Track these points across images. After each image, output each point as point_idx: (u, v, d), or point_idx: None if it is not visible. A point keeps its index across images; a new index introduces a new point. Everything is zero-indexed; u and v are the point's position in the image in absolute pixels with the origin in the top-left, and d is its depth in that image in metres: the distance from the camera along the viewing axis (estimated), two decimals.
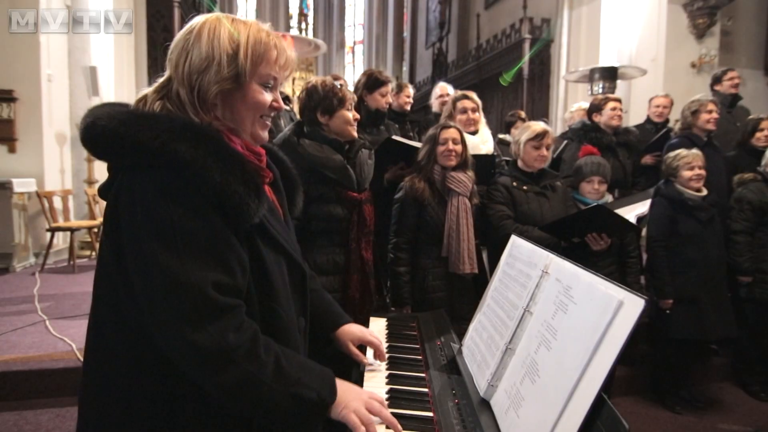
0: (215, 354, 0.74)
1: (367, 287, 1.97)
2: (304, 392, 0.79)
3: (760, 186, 2.88)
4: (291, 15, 19.99)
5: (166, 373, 0.78)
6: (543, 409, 0.73)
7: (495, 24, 10.77)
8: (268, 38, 0.86)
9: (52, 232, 4.77)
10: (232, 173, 0.78)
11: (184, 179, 0.76)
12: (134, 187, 0.76)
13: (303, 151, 1.86)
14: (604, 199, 2.46)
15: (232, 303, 0.78)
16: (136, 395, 0.80)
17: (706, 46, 6.49)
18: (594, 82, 5.08)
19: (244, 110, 0.86)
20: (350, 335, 1.14)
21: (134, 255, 0.75)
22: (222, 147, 0.79)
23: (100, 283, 0.85)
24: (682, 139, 3.14)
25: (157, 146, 0.74)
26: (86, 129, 0.79)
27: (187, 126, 0.78)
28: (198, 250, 0.75)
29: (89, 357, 0.86)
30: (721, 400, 2.89)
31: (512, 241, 1.20)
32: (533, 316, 0.90)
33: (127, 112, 0.80)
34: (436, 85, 3.71)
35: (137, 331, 0.78)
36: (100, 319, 0.85)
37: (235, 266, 0.79)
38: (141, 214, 0.74)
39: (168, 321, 0.74)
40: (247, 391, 0.76)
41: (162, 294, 0.73)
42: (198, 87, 0.82)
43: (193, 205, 0.76)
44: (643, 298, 0.62)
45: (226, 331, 0.75)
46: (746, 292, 2.85)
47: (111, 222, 0.79)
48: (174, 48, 0.85)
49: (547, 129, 2.33)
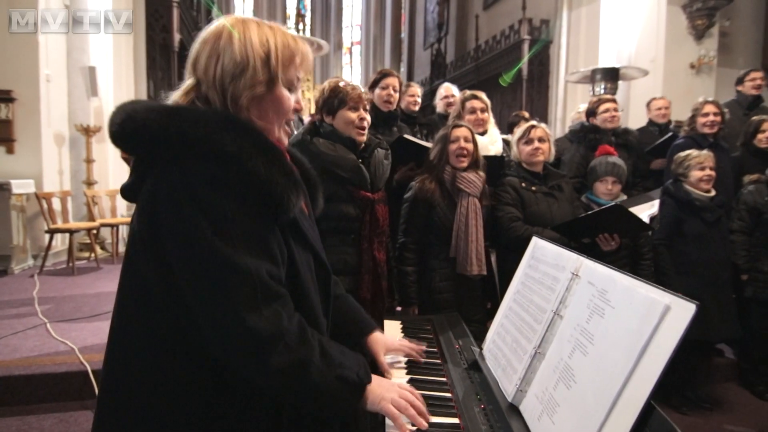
0: (270, 337, 0.74)
1: (379, 288, 1.95)
2: (347, 374, 0.82)
3: (760, 187, 2.90)
4: (288, 15, 19.96)
5: (196, 385, 0.78)
6: (582, 415, 0.71)
7: (494, 25, 10.78)
8: (294, 42, 0.87)
9: (50, 234, 4.72)
10: (275, 165, 0.78)
11: (230, 170, 0.75)
12: (176, 181, 0.75)
13: (315, 149, 1.84)
14: (619, 200, 2.45)
15: (283, 291, 0.79)
16: (161, 404, 0.78)
17: (705, 47, 6.53)
18: (595, 83, 5.09)
19: (273, 114, 0.86)
20: (383, 343, 1.15)
21: (184, 247, 0.74)
22: (263, 140, 0.80)
23: (129, 291, 0.82)
24: (687, 139, 3.14)
25: (202, 137, 0.74)
26: (123, 123, 0.77)
27: (230, 118, 0.79)
28: (250, 240, 0.76)
29: (113, 367, 0.83)
30: (726, 401, 2.89)
31: (534, 242, 1.18)
32: (564, 320, 0.89)
33: (166, 105, 0.80)
34: (440, 86, 3.68)
35: (170, 337, 0.77)
36: (126, 326, 0.82)
37: (278, 258, 0.80)
38: (188, 205, 0.73)
39: (223, 307, 0.73)
40: (299, 373, 0.77)
41: (217, 281, 0.73)
42: (232, 91, 0.82)
43: (242, 196, 0.76)
44: (694, 303, 0.60)
45: (280, 315, 0.76)
46: (752, 291, 2.85)
47: (146, 219, 0.77)
48: (201, 51, 0.84)
49: (533, 124, 2.36)
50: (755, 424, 2.62)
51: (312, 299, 0.89)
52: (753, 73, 3.81)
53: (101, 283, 4.40)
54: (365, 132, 1.92)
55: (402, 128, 2.90)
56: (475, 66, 10.91)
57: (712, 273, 2.61)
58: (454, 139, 2.13)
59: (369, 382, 0.86)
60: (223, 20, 0.85)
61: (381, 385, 0.89)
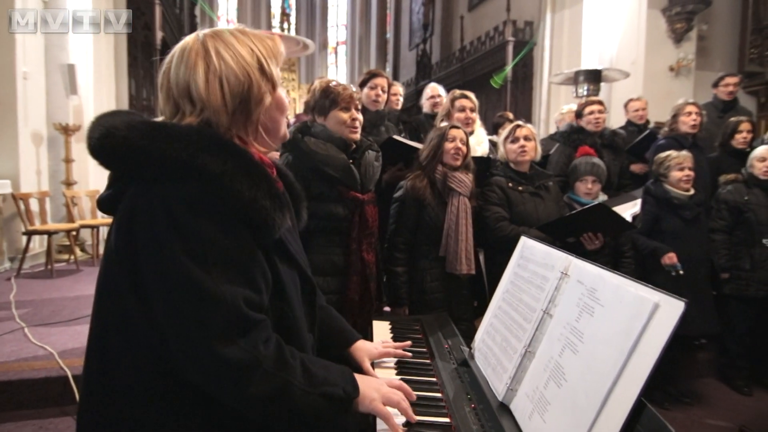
0: (247, 367, 0.72)
1: (367, 290, 1.94)
2: (333, 390, 0.81)
3: (739, 187, 2.98)
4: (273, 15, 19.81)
5: (178, 404, 0.77)
6: (573, 413, 0.71)
7: (479, 26, 10.86)
8: (272, 41, 0.87)
9: (28, 236, 4.59)
10: (260, 188, 0.77)
11: (212, 193, 0.73)
12: (154, 201, 0.73)
13: (306, 147, 1.82)
14: (599, 199, 2.50)
15: (260, 318, 0.77)
16: (143, 421, 0.77)
17: (684, 51, 6.68)
18: (579, 85, 5.16)
19: (279, 115, 0.87)
20: (367, 352, 1.14)
21: (158, 271, 0.72)
22: (249, 161, 0.78)
23: (105, 304, 0.80)
24: (669, 140, 3.21)
25: (185, 158, 0.72)
26: (101, 139, 0.74)
27: (215, 139, 0.76)
28: (228, 266, 0.73)
29: (92, 385, 0.81)
30: (706, 396, 2.96)
31: (523, 242, 1.19)
32: (553, 319, 0.90)
33: (148, 122, 0.77)
34: (426, 86, 3.70)
35: (149, 355, 0.76)
36: (103, 338, 0.80)
37: (260, 282, 0.78)
38: (166, 228, 0.71)
39: (196, 338, 0.71)
40: (281, 399, 0.75)
41: (191, 310, 0.71)
42: (243, 108, 0.81)
43: (222, 220, 0.74)
44: (683, 300, 0.61)
45: (256, 342, 0.74)
46: (730, 289, 2.93)
47: (122, 237, 0.76)
48: (191, 76, 0.80)
49: (519, 123, 2.40)
50: (734, 418, 2.69)
51: (298, 318, 0.89)
52: (727, 78, 3.94)
53: (81, 286, 4.30)
54: (358, 130, 1.91)
55: (389, 128, 2.91)
56: (461, 67, 10.98)
57: (691, 269, 2.67)
58: (451, 138, 2.14)
59: (356, 396, 0.85)
60: (194, 39, 0.82)
61: (369, 386, 0.88)
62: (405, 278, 2.10)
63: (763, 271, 2.85)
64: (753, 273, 2.87)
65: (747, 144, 3.31)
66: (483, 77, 9.63)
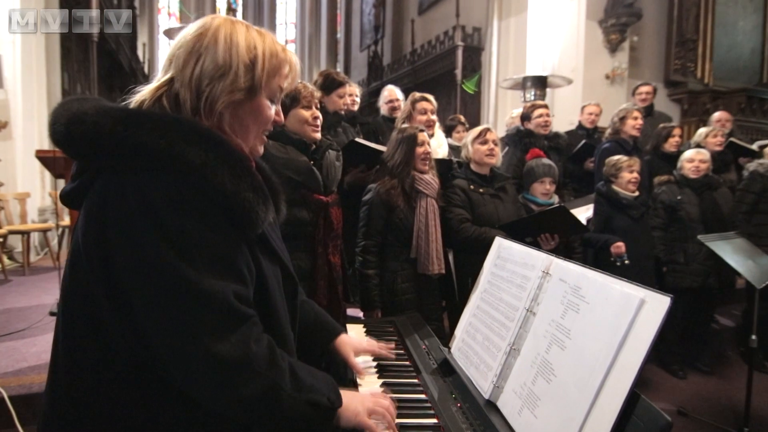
0: (239, 365, 0.70)
1: (335, 293, 1.92)
2: (318, 398, 0.80)
3: (672, 187, 3.26)
4: (218, 9, 19.12)
5: (154, 412, 0.73)
6: (566, 407, 0.75)
7: (429, 30, 11.08)
8: (284, 53, 0.83)
9: None
10: (243, 180, 0.73)
11: (192, 185, 0.70)
12: (128, 193, 0.68)
13: (265, 152, 1.77)
14: (553, 200, 2.62)
15: (251, 313, 0.75)
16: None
17: (618, 60, 7.19)
18: (526, 90, 5.41)
19: (251, 123, 0.82)
20: (351, 346, 1.14)
21: (137, 269, 0.67)
22: (230, 151, 0.74)
23: (73, 308, 0.74)
24: (613, 143, 3.44)
25: (162, 148, 0.68)
26: (68, 125, 0.69)
27: (195, 128, 0.72)
28: (214, 260, 0.70)
29: (58, 396, 0.75)
30: (646, 380, 3.18)
31: (499, 242, 1.23)
32: (537, 317, 0.93)
33: (122, 108, 0.72)
34: (384, 89, 3.71)
35: (127, 360, 0.71)
36: (74, 347, 0.74)
37: (246, 277, 0.76)
38: (144, 224, 0.67)
39: (186, 337, 0.68)
40: (268, 400, 0.73)
41: (179, 307, 0.67)
42: (208, 93, 0.76)
43: (207, 212, 0.71)
44: (668, 296, 0.66)
45: (248, 340, 0.72)
46: (668, 281, 3.19)
47: (92, 233, 0.70)
48: (180, 47, 0.78)
49: (488, 127, 2.50)
50: (673, 400, 2.92)
51: (280, 314, 0.87)
52: (641, 87, 4.42)
53: (12, 298, 3.92)
54: (319, 129, 1.88)
55: (346, 129, 2.90)
56: (412, 69, 11.14)
57: (638, 263, 2.89)
58: (420, 143, 2.16)
59: (340, 405, 0.84)
60: (210, 19, 0.80)
61: (353, 400, 0.87)
62: (377, 281, 2.11)
63: (695, 264, 3.12)
64: (687, 266, 3.14)
65: (677, 147, 3.62)
66: (434, 80, 9.85)
